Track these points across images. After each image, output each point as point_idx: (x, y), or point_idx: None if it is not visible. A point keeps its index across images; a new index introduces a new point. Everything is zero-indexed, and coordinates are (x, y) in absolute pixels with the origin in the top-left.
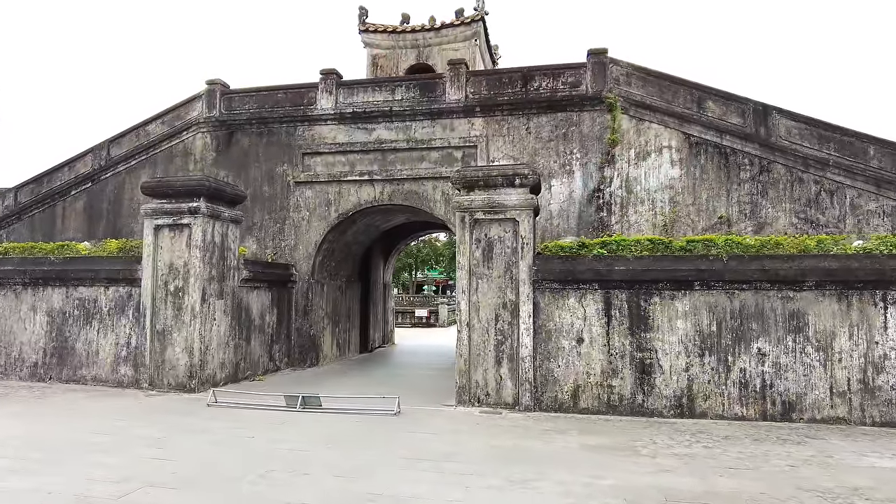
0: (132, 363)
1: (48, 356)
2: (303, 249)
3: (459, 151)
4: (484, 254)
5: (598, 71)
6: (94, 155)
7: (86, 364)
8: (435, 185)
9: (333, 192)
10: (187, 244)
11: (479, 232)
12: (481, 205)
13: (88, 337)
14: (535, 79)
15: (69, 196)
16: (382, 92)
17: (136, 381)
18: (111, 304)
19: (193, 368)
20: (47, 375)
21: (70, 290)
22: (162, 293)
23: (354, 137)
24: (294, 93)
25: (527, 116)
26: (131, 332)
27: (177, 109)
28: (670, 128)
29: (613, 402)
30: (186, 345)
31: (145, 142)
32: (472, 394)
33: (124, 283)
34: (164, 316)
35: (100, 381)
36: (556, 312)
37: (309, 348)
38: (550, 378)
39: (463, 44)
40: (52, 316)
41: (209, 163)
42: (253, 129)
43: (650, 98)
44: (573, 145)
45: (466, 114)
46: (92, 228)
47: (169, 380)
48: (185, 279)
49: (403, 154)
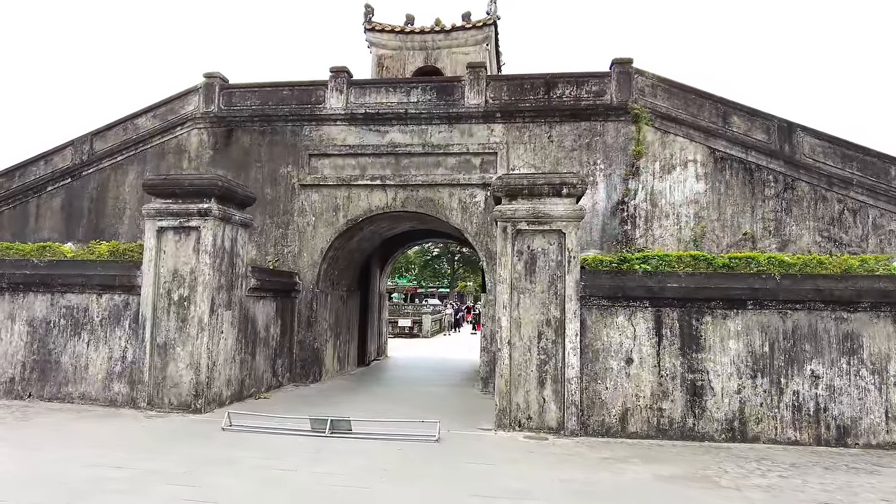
0: (128, 380)
1: (28, 371)
2: (307, 257)
3: (478, 158)
4: (526, 267)
5: (623, 81)
6: (74, 148)
7: (72, 380)
8: (451, 193)
9: (342, 196)
10: (195, 249)
11: (521, 243)
12: (525, 214)
13: (76, 350)
14: (558, 86)
15: (45, 192)
16: (397, 93)
17: (133, 399)
18: (104, 314)
19: (200, 386)
20: (26, 392)
21: (56, 297)
22: (164, 302)
23: (366, 140)
24: (301, 90)
25: (549, 124)
26: (127, 344)
27: (170, 103)
28: (696, 141)
29: (663, 426)
30: (192, 360)
31: (134, 136)
32: (513, 417)
33: (121, 291)
34: (166, 328)
35: (88, 400)
36: (603, 331)
37: (312, 362)
38: (597, 401)
39: (473, 48)
40: (34, 326)
41: (206, 161)
42: (255, 126)
43: (675, 111)
44: (597, 156)
45: (486, 119)
46: (70, 229)
47: (170, 399)
48: (192, 287)
49: (418, 159)
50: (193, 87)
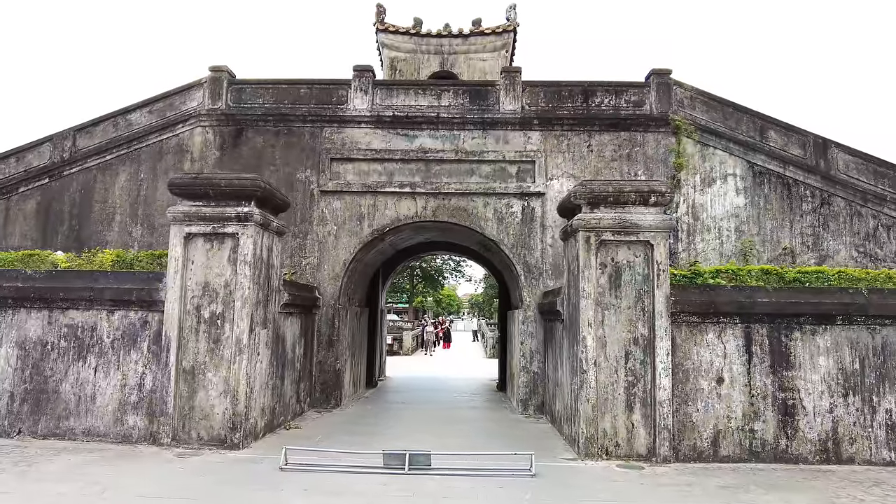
0: (145, 411)
1: (17, 402)
2: (328, 269)
3: (514, 166)
4: (611, 281)
5: (662, 92)
6: (53, 145)
7: (75, 412)
8: (486, 202)
9: (367, 204)
10: (230, 259)
11: (604, 255)
12: (610, 224)
13: (81, 376)
14: (597, 94)
15: (16, 194)
16: (427, 96)
17: (152, 434)
18: (117, 334)
19: (237, 418)
20: (14, 428)
21: (55, 315)
22: (192, 320)
23: (393, 144)
24: (320, 89)
25: (588, 133)
26: (145, 370)
27: (169, 98)
28: (735, 155)
29: (756, 449)
30: (227, 387)
31: (126, 133)
32: (601, 445)
33: (138, 307)
34: (194, 350)
35: (95, 435)
36: (693, 349)
37: (333, 386)
38: (688, 424)
39: (491, 54)
40: (26, 348)
41: (211, 163)
42: (269, 126)
43: (714, 123)
44: (637, 167)
45: (523, 126)
46: (47, 236)
47: (199, 433)
48: (227, 303)
49: (450, 166)
50: (197, 82)
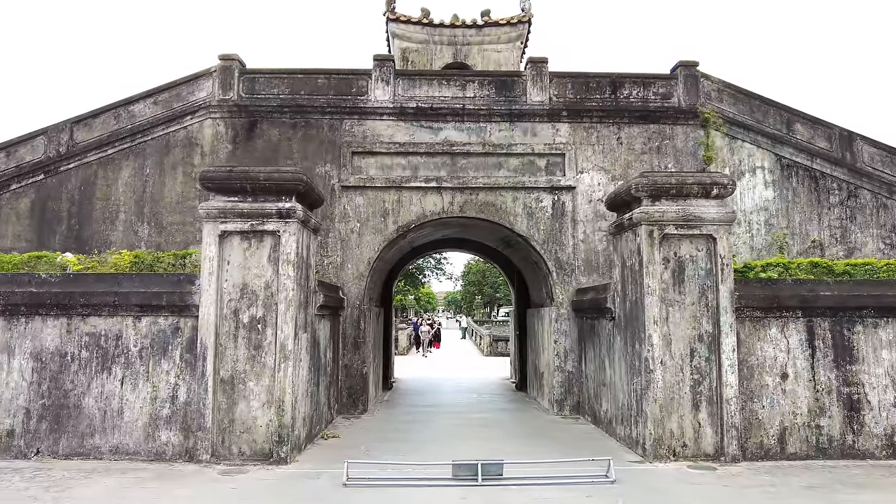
0: (179, 425)
1: (34, 419)
2: (352, 268)
3: (543, 160)
4: (674, 276)
5: (690, 84)
6: (48, 138)
7: (101, 429)
8: (515, 197)
9: (391, 200)
10: (270, 258)
11: (666, 250)
12: (674, 217)
13: (106, 390)
14: (625, 86)
15: (7, 191)
16: (451, 87)
17: (188, 450)
18: (145, 342)
19: (283, 430)
20: (31, 448)
21: (74, 322)
22: (230, 325)
23: (417, 137)
24: (339, 79)
25: (617, 126)
26: (178, 381)
27: (176, 88)
28: (763, 148)
29: (822, 445)
30: (270, 397)
31: (129, 126)
32: (668, 446)
33: (168, 312)
34: (232, 357)
35: (124, 454)
36: (757, 345)
37: (360, 390)
38: (754, 421)
39: (506, 45)
40: (43, 360)
41: (223, 157)
42: (285, 118)
43: (741, 116)
44: (668, 160)
45: (551, 118)
46: (44, 236)
47: (241, 447)
48: (268, 306)
49: (477, 159)
50: (206, 71)
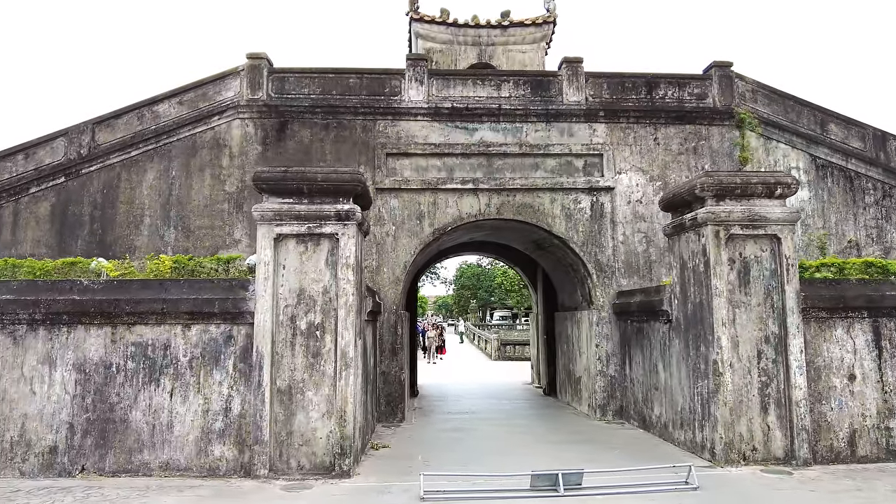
0: (233, 439)
1: (78, 435)
2: (388, 272)
3: (581, 160)
4: (739, 277)
5: (724, 85)
6: (69, 140)
7: (150, 444)
8: (553, 198)
9: (427, 202)
10: (328, 262)
11: (731, 251)
12: (739, 217)
13: (154, 402)
14: (660, 86)
15: (26, 195)
16: (486, 87)
17: (242, 465)
18: (195, 352)
19: (346, 441)
20: (77, 465)
21: (119, 332)
22: (286, 333)
23: (452, 138)
24: (372, 79)
25: (654, 126)
26: (232, 392)
27: (202, 87)
28: (797, 149)
29: (892, 447)
30: (330, 407)
31: (153, 126)
32: (738, 450)
33: (220, 320)
34: (290, 366)
35: (175, 470)
36: (823, 346)
37: (398, 398)
38: (823, 424)
39: (531, 46)
40: (86, 372)
41: (253, 159)
42: (316, 119)
43: (776, 117)
44: (704, 160)
45: (588, 118)
46: (65, 241)
47: (300, 461)
48: (326, 312)
49: (513, 160)
50: (233, 70)
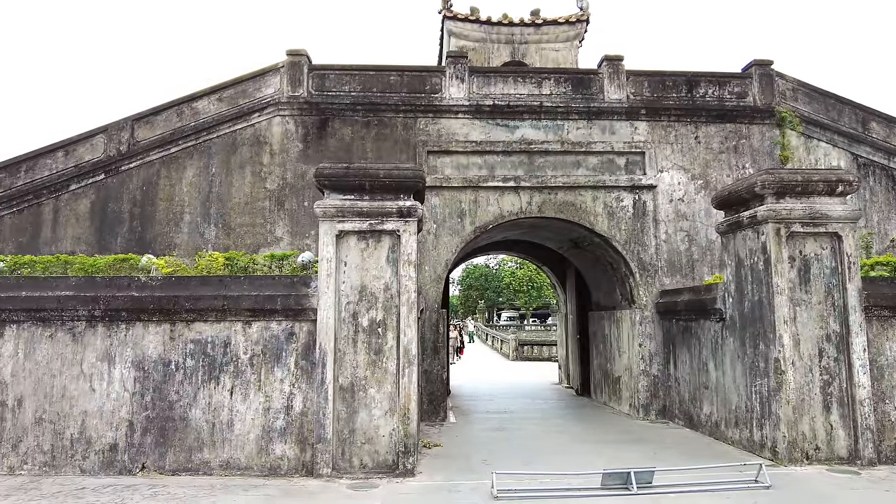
0: (295, 437)
1: (138, 433)
2: (430, 270)
3: (622, 158)
4: (799, 275)
5: (765, 83)
6: (108, 137)
7: (209, 443)
8: (595, 196)
9: (468, 200)
10: (389, 259)
11: (792, 248)
12: (800, 215)
13: (214, 400)
14: (700, 85)
15: (66, 192)
16: (527, 84)
17: (304, 464)
18: (256, 349)
19: (409, 439)
20: (137, 463)
21: (178, 329)
22: (348, 329)
23: (493, 136)
24: (412, 76)
25: (695, 125)
26: (293, 389)
27: (241, 84)
28: (839, 147)
29: None
30: (393, 404)
31: (192, 123)
32: (801, 449)
33: (281, 317)
34: (352, 363)
35: (236, 468)
36: (886, 345)
37: (440, 396)
38: (886, 423)
39: (564, 44)
40: (145, 369)
41: (294, 156)
42: (357, 117)
43: (817, 115)
44: (745, 159)
45: (629, 116)
46: (104, 238)
47: (363, 459)
48: (388, 309)
49: (555, 158)
50: (272, 66)
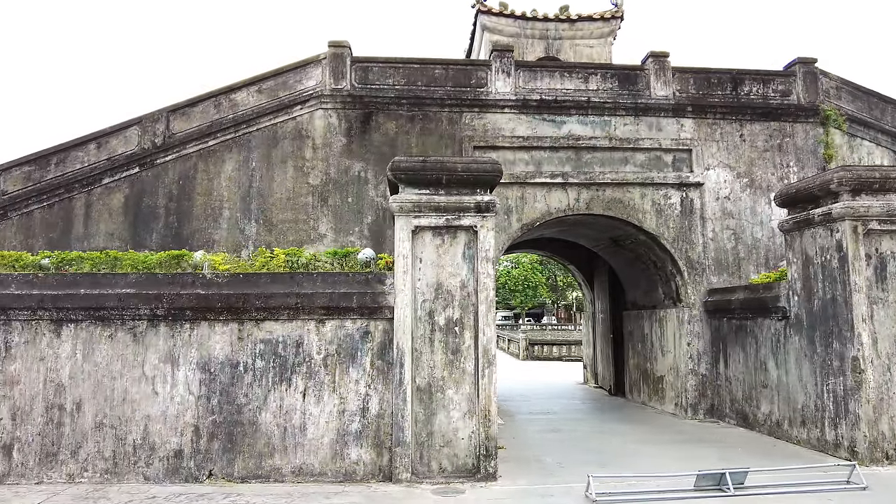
0: (371, 441)
1: (204, 438)
2: None
3: (669, 155)
4: (876, 273)
5: (809, 81)
6: (142, 129)
7: (281, 448)
8: (643, 193)
9: (514, 196)
10: (465, 255)
11: (868, 246)
12: (878, 212)
13: (285, 403)
14: (745, 82)
15: (99, 186)
16: (573, 79)
17: (381, 469)
18: (330, 349)
19: (490, 442)
20: (204, 470)
21: (247, 328)
22: (425, 328)
23: (539, 131)
24: (457, 70)
25: (739, 122)
26: (369, 390)
27: (282, 75)
28: (882, 146)
29: None
30: (471, 406)
31: (231, 115)
32: (882, 448)
33: (356, 315)
34: (429, 363)
35: (310, 475)
36: None
37: None
38: None
39: (598, 41)
40: (211, 371)
41: (337, 151)
42: (402, 111)
43: (860, 114)
44: (789, 157)
45: (676, 113)
46: (139, 234)
47: (442, 462)
48: (465, 307)
49: (602, 154)
50: (314, 58)
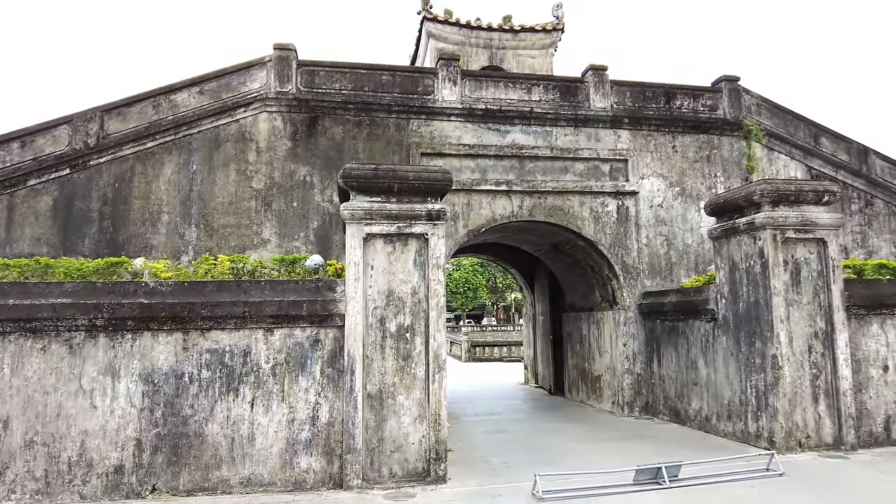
0: (321, 449)
1: (147, 452)
2: None
3: (607, 165)
4: (792, 277)
5: (733, 98)
6: (73, 128)
7: (228, 459)
8: (582, 201)
9: (461, 203)
10: (416, 263)
11: (785, 253)
12: (794, 222)
13: (233, 413)
14: (677, 97)
15: (23, 188)
16: (517, 90)
17: (332, 476)
18: (279, 357)
19: (440, 446)
20: (146, 486)
21: (192, 338)
22: (376, 335)
23: (485, 139)
24: (404, 76)
25: (672, 134)
26: (319, 398)
27: (225, 77)
28: (795, 159)
29: None
30: (422, 411)
31: (171, 117)
32: (796, 438)
33: (305, 323)
34: (380, 370)
35: (259, 485)
36: (861, 340)
37: None
38: (863, 411)
39: (540, 52)
40: (154, 382)
41: (282, 155)
42: (349, 115)
43: (777, 129)
44: (717, 168)
45: (613, 124)
46: (70, 239)
47: (392, 468)
48: (416, 314)
49: (544, 163)
50: (258, 60)
